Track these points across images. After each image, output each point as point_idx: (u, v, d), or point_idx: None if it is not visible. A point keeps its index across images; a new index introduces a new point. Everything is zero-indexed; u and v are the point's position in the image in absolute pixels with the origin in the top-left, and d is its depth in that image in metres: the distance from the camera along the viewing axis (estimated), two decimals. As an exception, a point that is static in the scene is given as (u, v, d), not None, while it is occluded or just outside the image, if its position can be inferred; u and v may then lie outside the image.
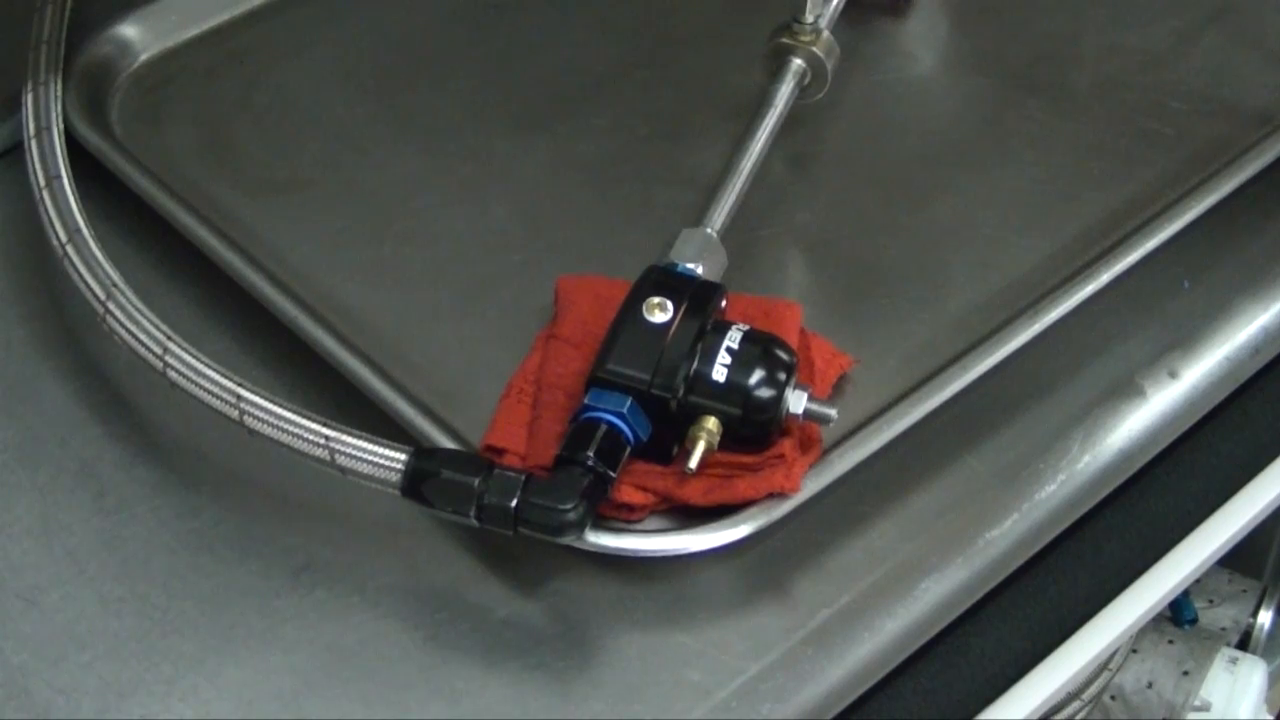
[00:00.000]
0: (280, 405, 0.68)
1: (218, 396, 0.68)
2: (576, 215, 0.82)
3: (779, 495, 0.67)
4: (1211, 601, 1.19)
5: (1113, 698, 1.09)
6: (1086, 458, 0.73)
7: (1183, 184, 0.81)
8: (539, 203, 0.83)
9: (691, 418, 0.67)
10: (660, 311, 0.69)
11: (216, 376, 0.69)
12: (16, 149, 0.82)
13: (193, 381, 0.69)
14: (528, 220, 0.82)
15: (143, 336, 0.70)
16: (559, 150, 0.85)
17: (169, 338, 0.70)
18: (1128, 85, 0.88)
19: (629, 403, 0.67)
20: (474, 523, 0.65)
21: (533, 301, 0.76)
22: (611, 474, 0.66)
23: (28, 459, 0.73)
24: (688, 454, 0.67)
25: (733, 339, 0.68)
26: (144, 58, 0.89)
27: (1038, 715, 0.78)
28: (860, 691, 0.68)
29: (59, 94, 0.82)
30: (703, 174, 0.79)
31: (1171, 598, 0.83)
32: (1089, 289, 0.75)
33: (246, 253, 0.77)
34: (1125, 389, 0.75)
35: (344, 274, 0.79)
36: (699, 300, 0.69)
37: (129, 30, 0.89)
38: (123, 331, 0.71)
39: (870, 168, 0.84)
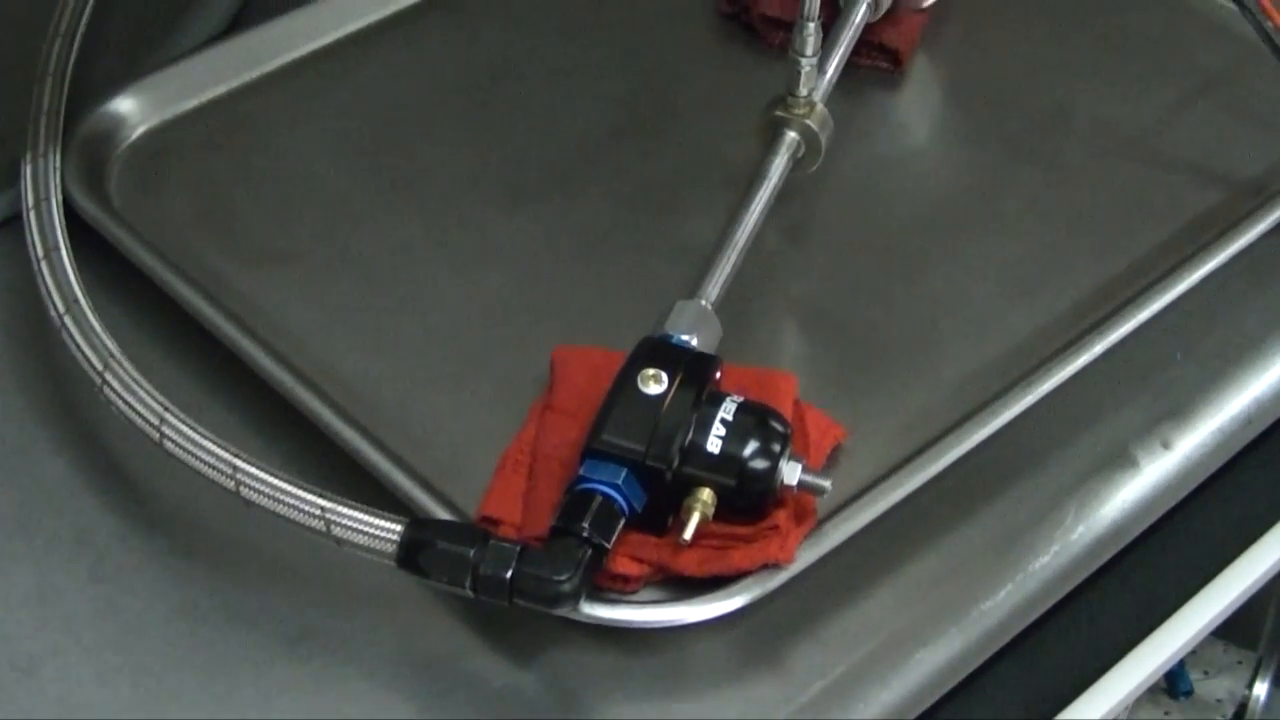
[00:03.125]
0: (276, 476, 0.68)
1: (214, 467, 0.68)
2: (572, 286, 0.82)
3: (774, 566, 0.67)
4: (1207, 673, 1.19)
5: (1109, 767, 1.09)
6: (1080, 528, 0.73)
7: (1175, 254, 0.82)
8: (535, 273, 0.83)
9: (686, 489, 0.67)
10: (655, 383, 0.69)
11: (212, 447, 0.69)
12: (15, 220, 0.82)
13: (189, 452, 0.69)
14: (523, 290, 0.82)
15: (139, 407, 0.70)
16: (554, 220, 0.86)
17: (166, 409, 0.70)
18: (1120, 156, 0.89)
19: (624, 474, 0.67)
20: (469, 594, 0.65)
21: (529, 372, 0.76)
22: (606, 545, 0.66)
23: (24, 527, 0.73)
24: (682, 525, 0.67)
25: (727, 410, 0.68)
26: (142, 129, 0.89)
27: (1034, 785, 0.78)
28: (856, 762, 0.68)
29: (58, 165, 0.83)
30: (698, 245, 0.79)
31: (1166, 669, 0.83)
32: (1082, 359, 0.76)
33: (243, 324, 0.77)
34: (1119, 459, 0.75)
35: (341, 344, 0.79)
36: (694, 371, 0.70)
37: (127, 103, 0.89)
38: (120, 402, 0.71)
39: (864, 238, 0.85)
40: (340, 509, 0.67)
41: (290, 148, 0.90)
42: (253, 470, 0.68)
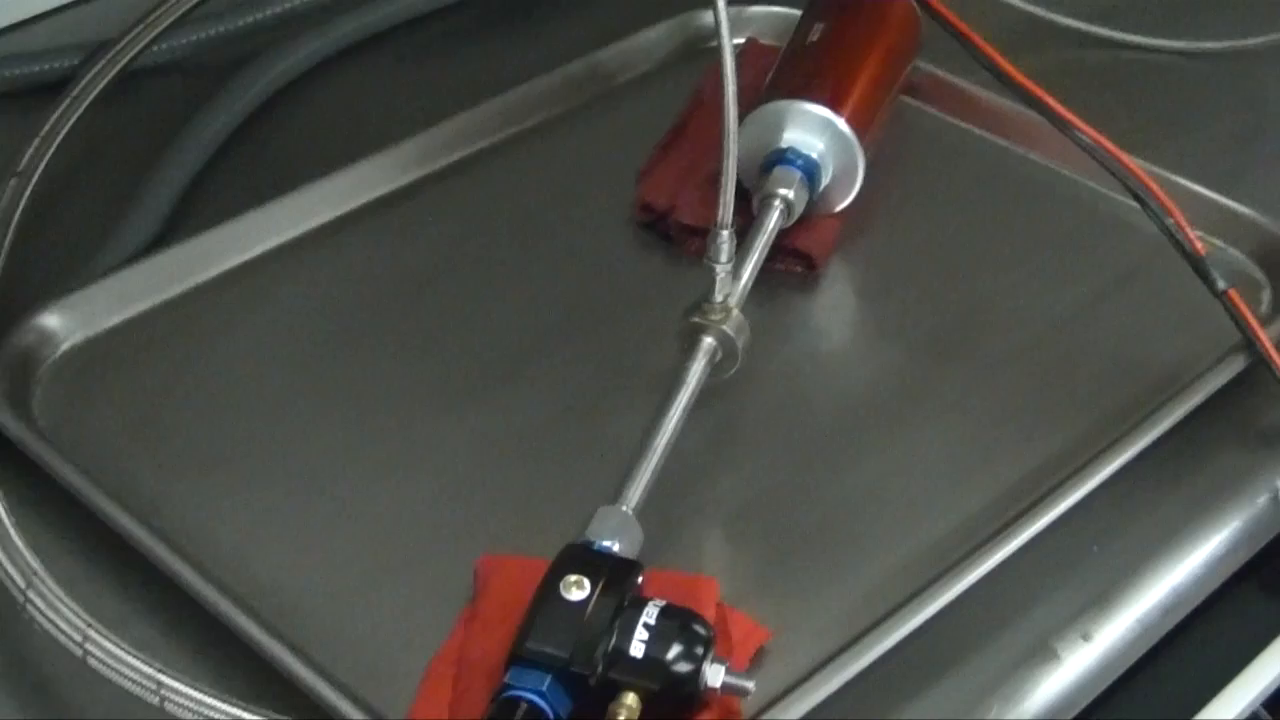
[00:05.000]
0: (201, 691, 0.68)
1: (138, 682, 0.68)
2: (498, 492, 0.83)
3: (700, 768, 0.68)
4: None
5: None
6: (1003, 724, 0.74)
7: (1093, 446, 0.83)
8: (461, 479, 0.84)
9: (611, 693, 0.68)
10: (578, 589, 0.70)
11: (136, 662, 0.69)
12: (-64, 433, 0.82)
13: (113, 668, 0.69)
14: (450, 497, 0.83)
15: (63, 624, 0.70)
16: (481, 426, 0.86)
17: (89, 625, 0.70)
18: (1038, 350, 0.90)
19: (549, 680, 0.67)
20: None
21: (456, 578, 0.77)
22: (532, 753, 0.66)
23: (-55, 747, 0.73)
24: (608, 730, 0.67)
25: (650, 615, 0.69)
26: (66, 346, 0.90)
27: None
28: None
29: (-20, 383, 0.83)
30: (623, 447, 0.80)
31: None
32: (1002, 554, 0.76)
33: (169, 539, 0.77)
34: (1040, 653, 0.75)
35: (268, 554, 0.79)
36: (616, 577, 0.70)
37: (52, 319, 0.90)
38: (43, 619, 0.71)
39: (785, 438, 0.86)
40: (264, 723, 0.67)
41: (218, 360, 0.90)
42: (177, 685, 0.68)
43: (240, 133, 1.07)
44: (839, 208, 0.96)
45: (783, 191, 0.92)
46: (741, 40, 1.10)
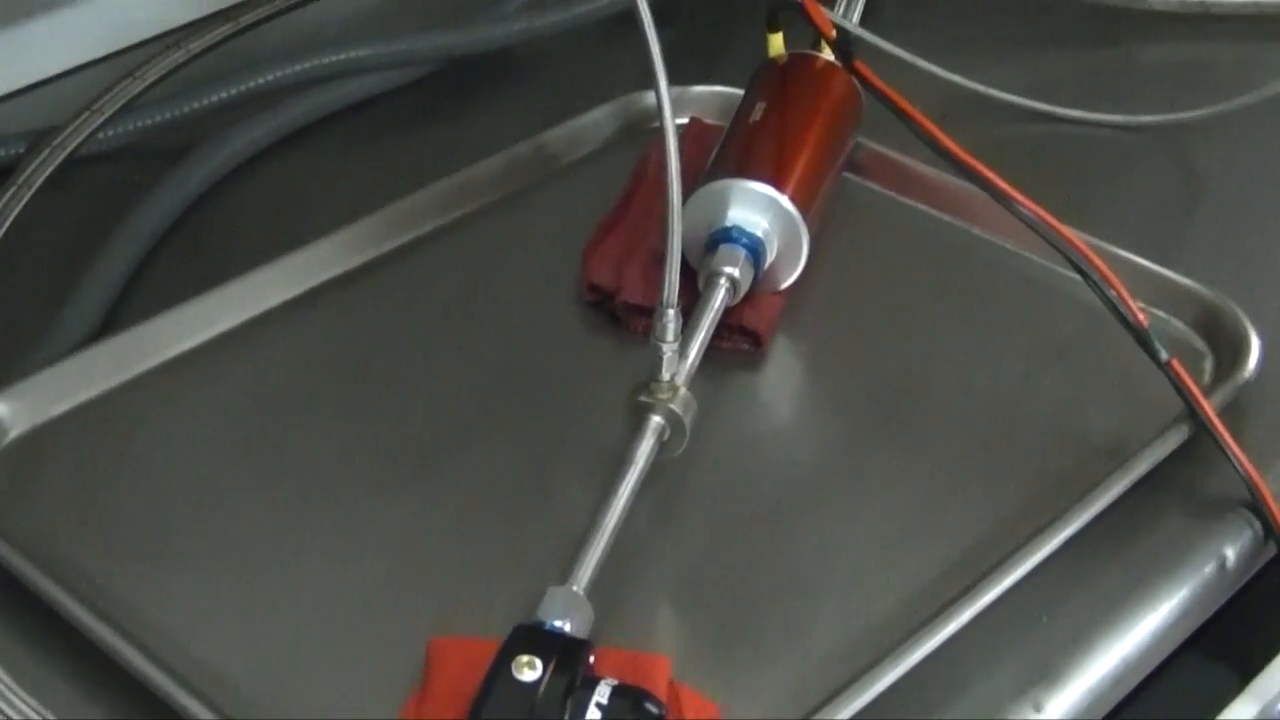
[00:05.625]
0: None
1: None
2: (446, 571, 0.83)
3: None
4: None
5: None
6: (956, 799, 0.74)
7: (1038, 518, 0.83)
8: (409, 560, 0.84)
9: (565, 774, 0.68)
10: (529, 670, 0.70)
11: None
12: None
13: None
14: (398, 578, 0.83)
15: (14, 715, 0.70)
16: (428, 506, 0.86)
17: (41, 716, 0.70)
18: (982, 421, 0.91)
19: (502, 762, 0.68)
20: None
21: (405, 659, 0.76)
22: (485, 836, 0.66)
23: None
24: (561, 811, 0.67)
25: (602, 694, 0.69)
26: (13, 435, 0.90)
27: None
28: None
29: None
30: (572, 526, 0.80)
31: None
32: (951, 627, 0.77)
33: (119, 626, 0.77)
34: (992, 724, 0.76)
35: (215, 637, 0.79)
36: (568, 657, 0.70)
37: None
38: (-9, 710, 0.71)
39: (733, 514, 0.86)
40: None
41: (164, 444, 0.90)
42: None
43: (187, 217, 1.07)
44: (784, 285, 0.97)
45: (728, 270, 0.92)
46: (685, 120, 1.10)
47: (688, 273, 0.92)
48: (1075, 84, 1.19)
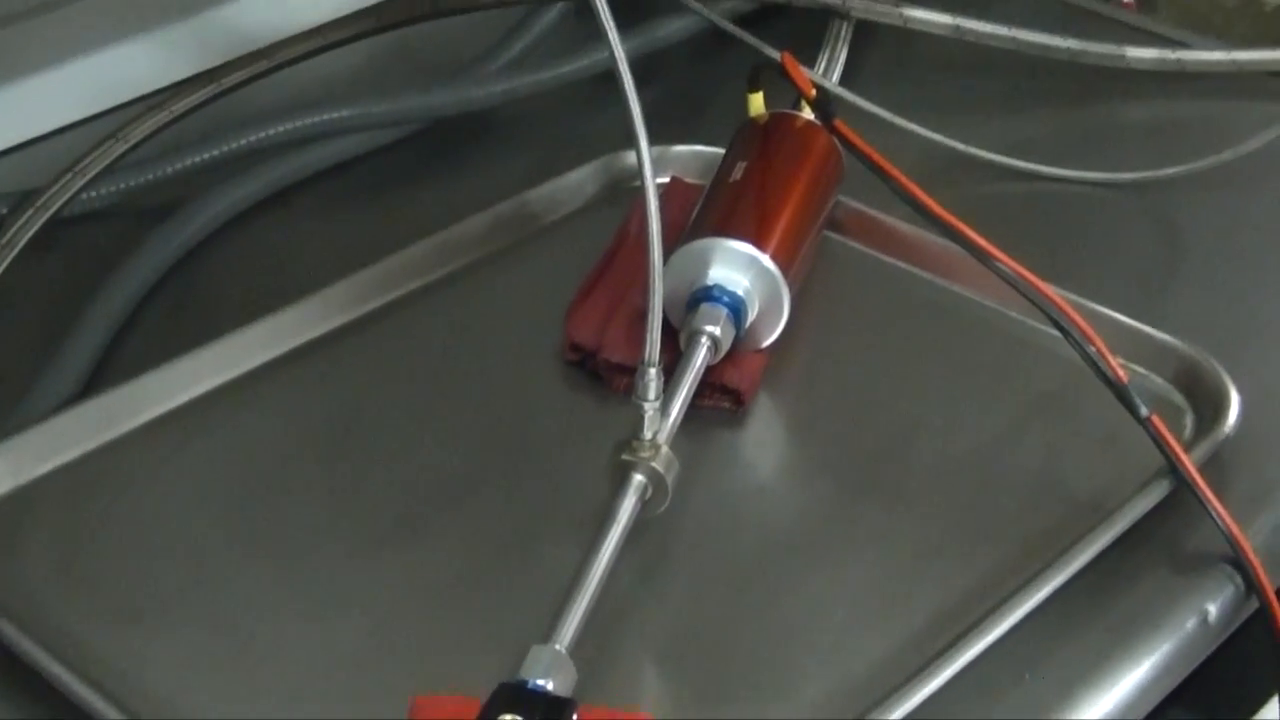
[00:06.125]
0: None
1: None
2: (429, 632, 0.83)
3: None
4: None
5: None
6: None
7: (1021, 574, 0.83)
8: (391, 620, 0.84)
9: (548, 834, 0.68)
10: (512, 729, 0.70)
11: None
12: None
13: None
14: (380, 638, 0.83)
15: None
16: (411, 566, 0.86)
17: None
18: (963, 478, 0.91)
19: (484, 821, 0.67)
20: None
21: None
22: None
23: None
24: None
25: (585, 753, 0.69)
26: (-3, 495, 0.90)
27: None
28: None
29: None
30: (554, 585, 0.80)
31: None
32: (933, 685, 0.77)
33: (101, 688, 0.77)
34: (975, 783, 0.76)
35: (198, 702, 0.79)
36: (551, 716, 0.70)
37: (-19, 469, 0.90)
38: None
39: (716, 573, 0.86)
40: None
41: (147, 507, 0.90)
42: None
43: (170, 276, 1.07)
44: (766, 343, 0.97)
45: (709, 328, 0.92)
46: (665, 179, 1.11)
47: (669, 331, 0.92)
48: (1055, 142, 1.19)
